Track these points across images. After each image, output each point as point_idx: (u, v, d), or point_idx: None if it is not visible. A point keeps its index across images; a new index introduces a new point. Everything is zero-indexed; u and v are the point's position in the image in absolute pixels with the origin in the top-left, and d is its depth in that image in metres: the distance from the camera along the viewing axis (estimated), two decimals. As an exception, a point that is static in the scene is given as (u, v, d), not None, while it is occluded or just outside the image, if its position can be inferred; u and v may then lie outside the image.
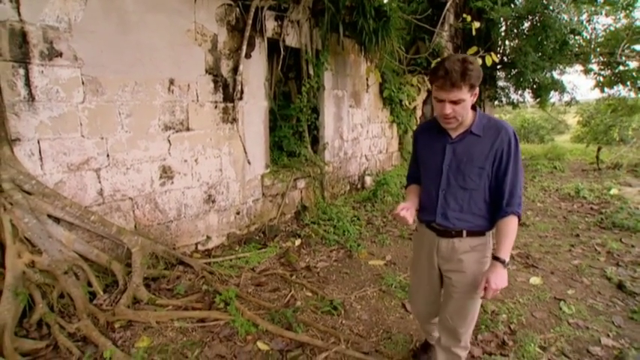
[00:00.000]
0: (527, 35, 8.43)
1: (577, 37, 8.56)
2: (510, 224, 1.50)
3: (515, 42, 9.06)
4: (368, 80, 5.73)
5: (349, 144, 5.52)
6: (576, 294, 2.92)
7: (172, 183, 3.21)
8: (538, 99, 10.17)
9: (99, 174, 2.74)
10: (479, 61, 1.66)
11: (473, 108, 1.52)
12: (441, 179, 1.56)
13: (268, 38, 3.86)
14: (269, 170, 4.13)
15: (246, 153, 3.80)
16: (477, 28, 5.09)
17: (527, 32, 8.49)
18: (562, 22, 7.32)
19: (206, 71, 3.33)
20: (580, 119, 14.37)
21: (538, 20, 7.84)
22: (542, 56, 8.30)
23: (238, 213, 3.83)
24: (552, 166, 8.70)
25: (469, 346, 1.78)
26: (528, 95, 10.38)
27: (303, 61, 4.42)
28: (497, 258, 1.49)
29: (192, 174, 3.35)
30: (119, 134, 2.81)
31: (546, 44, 7.94)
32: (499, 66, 9.35)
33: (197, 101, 3.29)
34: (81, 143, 2.61)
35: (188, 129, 3.26)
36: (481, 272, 1.58)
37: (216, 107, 3.46)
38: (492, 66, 5.72)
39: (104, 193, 2.78)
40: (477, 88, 1.43)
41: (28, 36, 2.29)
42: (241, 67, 3.55)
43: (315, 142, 4.97)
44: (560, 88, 9.74)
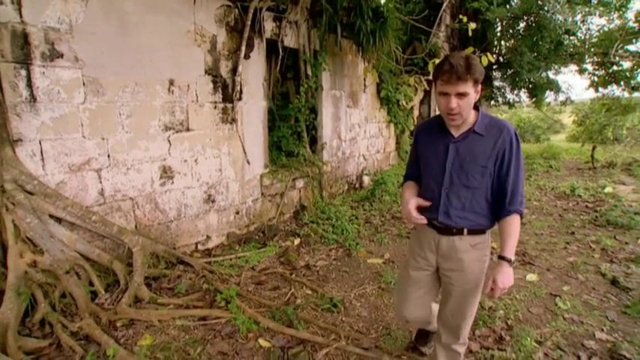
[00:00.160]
0: (522, 36, 8.52)
1: (571, 38, 8.67)
2: (514, 223, 1.51)
3: (510, 42, 9.15)
4: (365, 80, 5.77)
5: (347, 144, 5.56)
6: (571, 290, 2.97)
7: (172, 183, 3.23)
8: (534, 99, 10.25)
9: (100, 174, 2.75)
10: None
11: (475, 108, 1.54)
12: (444, 178, 1.56)
13: (267, 39, 3.89)
14: (268, 170, 4.15)
15: (245, 153, 3.82)
16: (473, 29, 5.15)
17: (522, 33, 8.58)
18: (557, 23, 7.41)
19: (205, 72, 3.35)
20: (575, 119, 14.48)
21: (533, 21, 7.93)
22: (537, 56, 8.39)
23: (238, 213, 3.86)
24: (548, 165, 8.78)
25: (467, 342, 1.82)
26: (524, 95, 10.47)
27: (301, 62, 4.45)
28: (502, 257, 1.50)
29: (192, 174, 3.37)
30: (120, 135, 2.83)
31: (541, 44, 8.03)
32: (495, 66, 9.44)
33: (197, 102, 3.32)
34: (82, 144, 2.63)
35: (188, 129, 3.28)
36: (481, 270, 1.60)
37: (215, 107, 3.48)
38: (488, 66, 5.77)
39: (105, 194, 2.80)
40: (480, 86, 1.45)
41: (30, 37, 2.31)
42: (240, 68, 3.58)
43: (313, 142, 5.00)
44: (555, 88, 9.84)
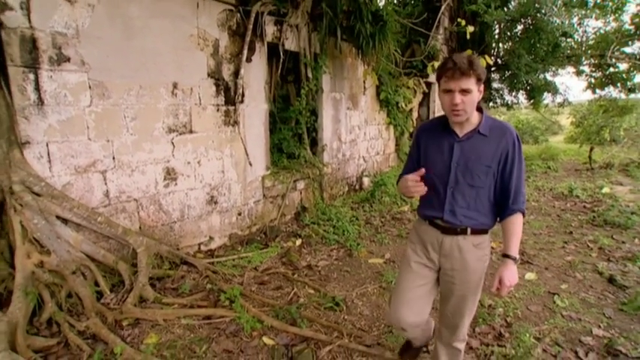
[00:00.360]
0: (520, 38, 8.61)
1: (568, 40, 8.75)
2: (517, 222, 1.55)
3: (508, 45, 9.25)
4: (365, 83, 5.83)
5: (347, 146, 5.61)
6: (569, 288, 3.02)
7: (176, 184, 3.27)
8: (532, 100, 10.34)
9: (105, 176, 2.80)
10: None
11: (479, 110, 1.58)
12: (450, 176, 1.58)
13: (268, 42, 3.95)
14: (269, 172, 4.20)
15: (247, 155, 3.87)
16: (471, 32, 5.21)
17: (520, 35, 8.67)
18: (554, 25, 7.50)
19: (208, 75, 3.41)
20: (573, 120, 14.55)
21: (531, 23, 8.02)
22: (535, 58, 8.48)
23: (240, 214, 3.90)
24: (546, 166, 8.84)
25: (466, 338, 1.86)
26: (522, 97, 10.56)
27: (301, 65, 4.50)
28: (507, 255, 1.52)
29: (195, 176, 3.41)
30: (124, 137, 2.87)
31: (539, 47, 8.12)
32: (493, 68, 9.55)
33: (200, 104, 3.37)
34: (88, 146, 2.68)
35: (191, 131, 3.33)
36: (482, 270, 1.64)
37: (218, 110, 3.53)
38: (487, 68, 5.82)
39: (110, 195, 2.84)
40: (482, 85, 1.49)
41: (38, 42, 2.36)
42: (242, 71, 3.63)
43: (313, 144, 5.05)
44: (553, 90, 9.93)
